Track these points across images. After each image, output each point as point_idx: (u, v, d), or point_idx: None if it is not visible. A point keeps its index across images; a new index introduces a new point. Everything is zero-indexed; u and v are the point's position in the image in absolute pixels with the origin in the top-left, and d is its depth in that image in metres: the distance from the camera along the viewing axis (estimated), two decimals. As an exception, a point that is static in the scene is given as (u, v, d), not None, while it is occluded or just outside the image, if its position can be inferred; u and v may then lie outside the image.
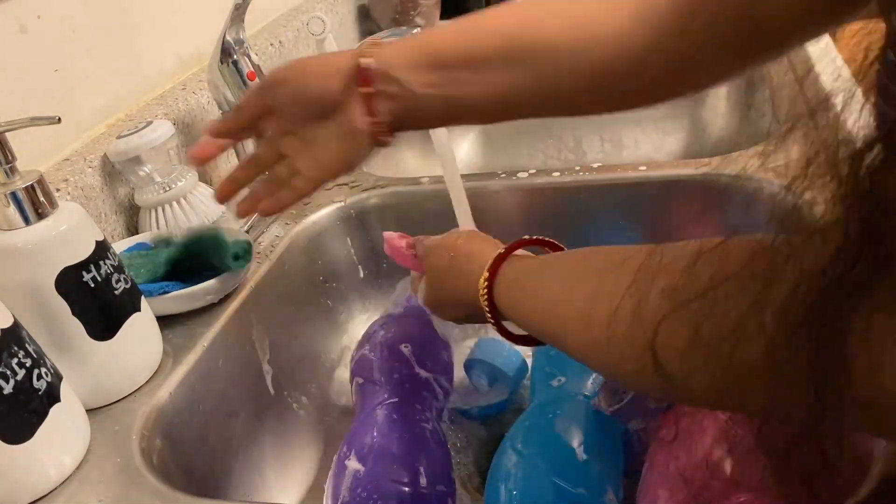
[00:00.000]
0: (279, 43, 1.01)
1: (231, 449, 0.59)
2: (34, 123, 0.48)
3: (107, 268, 0.52)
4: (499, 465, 0.51)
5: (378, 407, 0.57)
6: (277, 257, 0.69)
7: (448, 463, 0.55)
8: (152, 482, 0.47)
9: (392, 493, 0.49)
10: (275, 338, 0.67)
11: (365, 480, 0.50)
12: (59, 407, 0.47)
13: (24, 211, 0.48)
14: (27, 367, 0.45)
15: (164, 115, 0.78)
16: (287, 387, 0.67)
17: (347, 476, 0.51)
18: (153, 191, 0.70)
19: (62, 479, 0.47)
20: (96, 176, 0.68)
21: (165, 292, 0.59)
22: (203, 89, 0.84)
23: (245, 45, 0.77)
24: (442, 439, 0.56)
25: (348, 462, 0.51)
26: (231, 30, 0.76)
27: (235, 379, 0.61)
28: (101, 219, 0.68)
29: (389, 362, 0.60)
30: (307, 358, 0.71)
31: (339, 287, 0.77)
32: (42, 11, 0.68)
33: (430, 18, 1.26)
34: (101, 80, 0.75)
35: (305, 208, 0.76)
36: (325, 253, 0.76)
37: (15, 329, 0.46)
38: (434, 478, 0.52)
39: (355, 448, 0.53)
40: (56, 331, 0.50)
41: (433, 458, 0.53)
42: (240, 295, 0.63)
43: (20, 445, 0.45)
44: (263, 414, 0.63)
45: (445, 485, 0.52)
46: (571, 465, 0.49)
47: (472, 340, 0.72)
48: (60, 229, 0.49)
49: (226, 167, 0.87)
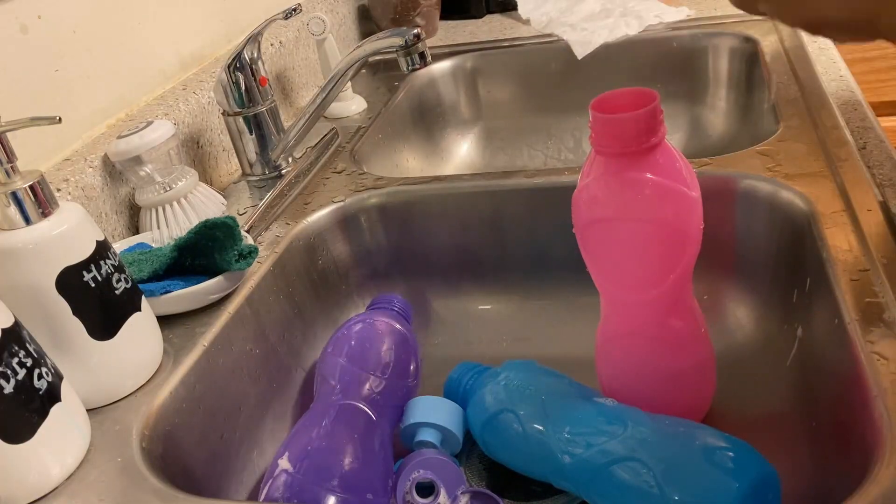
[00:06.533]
0: (279, 43, 1.01)
1: (231, 449, 0.59)
2: (34, 123, 0.48)
3: (107, 267, 0.52)
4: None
5: (326, 407, 0.57)
6: (277, 257, 0.69)
7: (385, 470, 0.54)
8: (153, 482, 0.47)
9: (315, 495, 0.49)
10: (275, 337, 0.67)
11: (291, 480, 0.50)
12: (60, 406, 0.47)
13: (25, 211, 0.48)
14: (28, 366, 0.45)
15: (165, 115, 0.78)
16: (287, 386, 0.67)
17: (277, 474, 0.51)
18: (153, 191, 0.70)
19: (63, 478, 0.47)
20: (97, 176, 0.68)
21: (168, 291, 0.59)
22: (203, 89, 0.84)
23: (259, 59, 0.80)
24: (386, 445, 0.56)
25: (280, 461, 0.52)
26: (248, 48, 0.78)
27: (235, 378, 0.61)
28: (102, 219, 0.68)
29: (347, 363, 0.60)
30: (307, 358, 0.71)
31: (340, 287, 0.77)
32: (42, 11, 0.68)
33: (430, 18, 1.26)
34: (101, 80, 0.75)
35: (306, 208, 0.76)
36: (325, 253, 0.76)
37: (15, 329, 0.46)
38: (363, 484, 0.51)
39: (290, 447, 0.53)
40: (56, 330, 0.50)
41: (369, 465, 0.53)
42: (240, 295, 0.63)
43: (21, 445, 0.45)
44: (263, 413, 0.63)
45: (376, 493, 0.52)
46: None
47: (439, 339, 0.72)
48: (61, 229, 0.49)
49: (226, 167, 0.87)
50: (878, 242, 0.55)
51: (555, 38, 1.14)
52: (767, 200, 0.66)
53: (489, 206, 0.76)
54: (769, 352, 0.64)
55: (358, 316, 0.67)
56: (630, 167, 0.49)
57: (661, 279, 0.52)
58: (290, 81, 1.04)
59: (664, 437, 0.49)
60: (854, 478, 0.41)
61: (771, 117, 0.83)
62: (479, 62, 1.17)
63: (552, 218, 0.73)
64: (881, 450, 0.41)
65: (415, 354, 0.64)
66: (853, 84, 0.83)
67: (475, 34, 1.25)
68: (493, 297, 0.79)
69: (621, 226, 0.51)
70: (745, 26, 1.06)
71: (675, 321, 0.55)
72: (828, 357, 0.53)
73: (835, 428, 0.50)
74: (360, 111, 1.02)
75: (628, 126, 0.48)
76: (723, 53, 1.07)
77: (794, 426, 0.57)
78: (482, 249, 0.78)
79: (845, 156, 0.67)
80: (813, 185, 0.64)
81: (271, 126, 0.83)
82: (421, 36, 0.74)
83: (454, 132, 1.17)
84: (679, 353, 0.56)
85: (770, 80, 0.88)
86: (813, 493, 0.50)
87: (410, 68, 0.75)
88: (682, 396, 0.57)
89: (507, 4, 1.34)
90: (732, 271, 0.70)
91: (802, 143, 0.71)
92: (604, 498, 0.50)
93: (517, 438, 0.55)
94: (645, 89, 0.50)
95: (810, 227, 0.60)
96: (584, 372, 0.59)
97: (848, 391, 0.48)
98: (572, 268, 0.60)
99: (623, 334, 0.57)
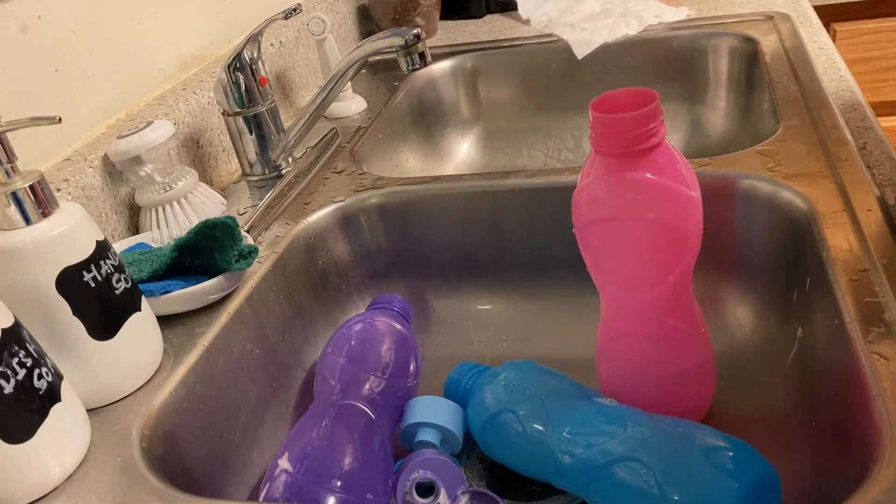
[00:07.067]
0: (279, 43, 1.01)
1: (231, 449, 0.59)
2: (34, 123, 0.48)
3: (107, 267, 0.52)
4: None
5: (326, 407, 0.57)
6: (277, 257, 0.69)
7: (385, 470, 0.54)
8: (153, 482, 0.47)
9: (314, 495, 0.49)
10: (275, 337, 0.67)
11: (291, 480, 0.50)
12: (60, 406, 0.47)
13: (25, 211, 0.48)
14: (28, 366, 0.45)
15: (165, 115, 0.78)
16: (287, 386, 0.67)
17: (277, 474, 0.51)
18: (153, 191, 0.70)
19: (63, 478, 0.48)
20: (97, 176, 0.68)
21: (167, 291, 0.59)
22: (203, 89, 0.84)
23: (259, 59, 0.80)
24: (386, 445, 0.56)
25: (280, 461, 0.52)
26: (248, 48, 0.78)
27: (235, 378, 0.61)
28: (102, 218, 0.68)
29: (347, 363, 0.60)
30: (307, 358, 0.71)
31: (340, 287, 0.77)
32: (42, 11, 0.68)
33: (430, 19, 1.26)
34: (101, 80, 0.75)
35: (306, 208, 0.76)
36: (325, 252, 0.76)
37: (15, 329, 0.46)
38: (363, 484, 0.51)
39: (289, 447, 0.53)
40: (56, 330, 0.50)
41: (369, 465, 0.53)
42: (240, 295, 0.63)
43: (21, 445, 0.45)
44: (263, 414, 0.63)
45: (376, 493, 0.52)
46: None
47: (439, 339, 0.72)
48: (61, 229, 0.49)
49: (226, 167, 0.87)
50: (878, 242, 0.55)
51: (555, 38, 1.14)
52: (767, 200, 0.66)
53: (489, 206, 0.76)
54: (769, 352, 0.64)
55: (358, 316, 0.67)
56: (630, 167, 0.49)
57: (661, 279, 0.52)
58: (290, 81, 1.04)
59: (664, 437, 0.49)
60: (854, 478, 0.41)
61: (771, 117, 0.83)
62: (479, 62, 1.17)
63: (552, 218, 0.74)
64: (881, 450, 0.41)
65: (415, 354, 0.64)
66: (853, 84, 0.83)
67: (475, 34, 1.25)
68: (493, 297, 0.79)
69: (621, 226, 0.51)
70: (745, 26, 1.06)
71: (675, 321, 0.55)
72: (828, 357, 0.53)
73: (835, 428, 0.50)
74: (360, 111, 1.02)
75: (628, 126, 0.48)
76: (723, 53, 1.07)
77: (794, 426, 0.57)
78: (482, 249, 0.78)
79: (845, 156, 0.67)
80: (813, 185, 0.64)
81: (271, 126, 0.83)
82: (421, 36, 0.74)
83: (454, 132, 1.17)
84: (679, 353, 0.56)
85: (770, 81, 0.88)
86: (813, 493, 0.50)
87: (410, 68, 0.75)
88: (682, 396, 0.57)
89: (507, 4, 1.34)
90: (732, 271, 0.70)
91: (802, 143, 0.71)
92: (604, 498, 0.50)
93: (517, 438, 0.55)
94: (645, 89, 0.50)
95: (810, 227, 0.60)
96: (584, 372, 0.59)
97: (848, 391, 0.48)
98: (572, 268, 0.60)
99: (623, 334, 0.57)
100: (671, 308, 0.54)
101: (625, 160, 0.50)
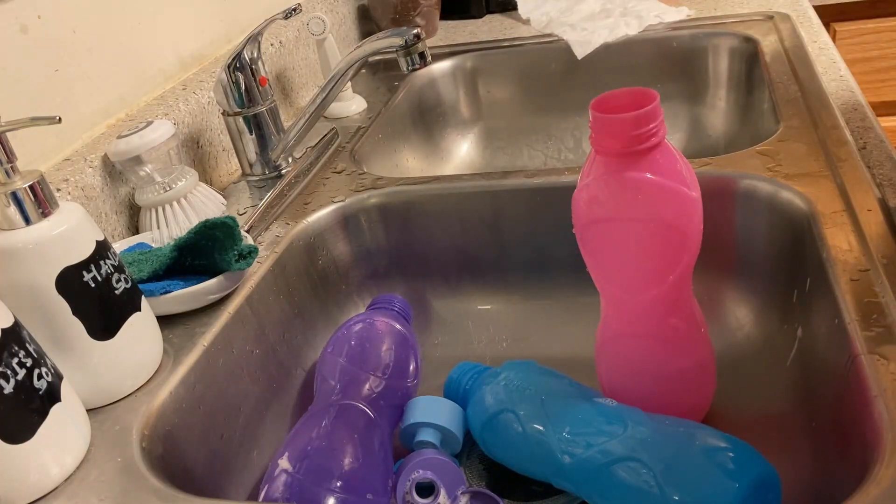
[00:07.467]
0: (279, 43, 1.01)
1: (231, 449, 0.59)
2: (34, 123, 0.48)
3: (107, 267, 0.52)
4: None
5: (326, 407, 0.57)
6: (277, 257, 0.69)
7: (385, 470, 0.54)
8: (153, 482, 0.47)
9: (314, 495, 0.49)
10: (275, 337, 0.67)
11: (290, 481, 0.50)
12: (60, 406, 0.47)
13: (25, 211, 0.48)
14: (27, 366, 0.45)
15: (165, 115, 0.78)
16: (287, 386, 0.67)
17: (277, 474, 0.51)
18: (153, 191, 0.70)
19: (63, 478, 0.47)
20: (97, 176, 0.68)
21: (167, 291, 0.59)
22: (203, 89, 0.84)
23: (259, 59, 0.80)
24: (386, 445, 0.56)
25: (280, 461, 0.52)
26: (248, 48, 0.78)
27: (235, 378, 0.61)
28: (102, 218, 0.68)
29: (346, 363, 0.60)
30: (307, 358, 0.71)
31: (340, 287, 0.77)
32: (42, 11, 0.68)
33: (430, 18, 1.26)
34: (101, 80, 0.75)
35: (306, 208, 0.76)
36: (325, 252, 0.76)
37: (15, 329, 0.46)
38: (363, 484, 0.51)
39: (289, 447, 0.53)
40: (56, 330, 0.50)
41: (369, 465, 0.53)
42: (240, 295, 0.63)
43: (20, 445, 0.45)
44: (264, 414, 0.63)
45: (376, 493, 0.52)
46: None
47: (439, 339, 0.72)
48: (61, 229, 0.49)
49: (226, 167, 0.87)
50: (878, 242, 0.55)
51: (555, 38, 1.14)
52: (767, 200, 0.66)
53: (489, 206, 0.76)
54: (769, 352, 0.64)
55: (358, 316, 0.67)
56: (630, 167, 0.49)
57: (661, 279, 0.52)
58: (290, 81, 1.04)
59: (664, 437, 0.49)
60: (854, 478, 0.41)
61: (771, 117, 0.83)
62: (479, 62, 1.17)
63: (552, 218, 0.73)
64: (881, 450, 0.41)
65: (415, 354, 0.64)
66: (853, 84, 0.83)
67: (475, 34, 1.25)
68: (493, 297, 0.79)
69: (621, 226, 0.51)
70: (745, 26, 1.06)
71: (675, 321, 0.55)
72: (828, 357, 0.53)
73: (835, 428, 0.50)
74: (360, 111, 1.02)
75: (628, 126, 0.48)
76: (723, 53, 1.07)
77: (794, 426, 0.57)
78: (482, 249, 0.78)
79: (845, 156, 0.67)
80: (813, 185, 0.64)
81: (271, 126, 0.83)
82: (421, 36, 0.74)
83: (454, 132, 1.17)
84: (679, 353, 0.56)
85: (770, 81, 0.88)
86: (813, 493, 0.50)
87: (410, 68, 0.75)
88: (682, 396, 0.57)
89: (507, 4, 1.34)
90: (732, 271, 0.70)
91: (802, 143, 0.71)
92: (604, 498, 0.50)
93: (517, 438, 0.55)
94: (645, 89, 0.50)
95: (810, 227, 0.60)
96: (584, 372, 0.59)
97: (848, 391, 0.48)
98: (572, 268, 0.60)
99: (623, 334, 0.57)
100: (671, 308, 0.54)
101: (625, 160, 0.50)
